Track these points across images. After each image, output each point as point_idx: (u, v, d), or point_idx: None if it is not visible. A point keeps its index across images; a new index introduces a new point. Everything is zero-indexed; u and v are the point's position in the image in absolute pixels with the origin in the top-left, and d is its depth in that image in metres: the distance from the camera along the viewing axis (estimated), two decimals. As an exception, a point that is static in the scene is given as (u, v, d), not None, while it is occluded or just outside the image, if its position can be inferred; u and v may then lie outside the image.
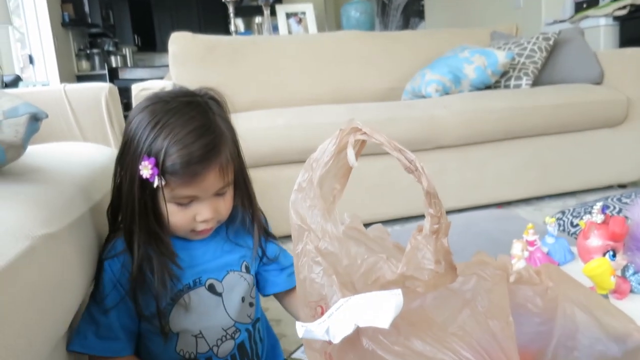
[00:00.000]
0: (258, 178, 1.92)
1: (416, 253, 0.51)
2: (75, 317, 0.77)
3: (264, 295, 0.90)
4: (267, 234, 0.87)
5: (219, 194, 0.76)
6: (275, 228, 2.11)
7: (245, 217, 0.84)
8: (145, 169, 0.70)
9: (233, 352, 0.82)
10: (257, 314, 0.87)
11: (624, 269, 0.69)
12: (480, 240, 1.20)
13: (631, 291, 0.69)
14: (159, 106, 0.73)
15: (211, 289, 0.80)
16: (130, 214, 0.74)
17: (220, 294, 0.80)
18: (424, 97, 2.24)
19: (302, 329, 0.47)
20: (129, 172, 0.73)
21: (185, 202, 0.74)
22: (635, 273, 0.69)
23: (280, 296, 0.90)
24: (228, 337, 0.81)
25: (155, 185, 0.70)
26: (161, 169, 0.70)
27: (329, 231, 0.53)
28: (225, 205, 0.78)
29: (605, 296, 0.66)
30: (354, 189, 0.55)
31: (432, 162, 2.01)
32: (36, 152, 0.85)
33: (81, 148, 1.03)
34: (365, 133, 0.53)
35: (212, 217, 0.75)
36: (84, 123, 1.55)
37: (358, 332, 0.44)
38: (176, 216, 0.75)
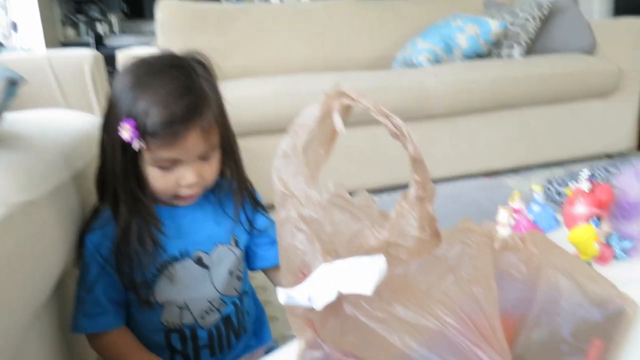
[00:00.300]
0: (247, 147, 1.90)
1: (400, 220, 0.50)
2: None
3: (252, 270, 0.89)
4: (256, 205, 0.86)
5: (203, 158, 0.74)
6: (265, 198, 2.11)
7: (234, 185, 0.83)
8: (125, 131, 0.68)
9: (218, 324, 0.82)
10: (245, 287, 0.87)
11: (608, 236, 0.70)
12: (468, 208, 1.21)
13: (614, 258, 0.70)
14: (142, 69, 0.71)
15: (199, 261, 0.79)
16: (113, 179, 0.73)
17: (207, 267, 0.80)
18: (415, 66, 2.21)
19: (284, 295, 0.47)
20: (111, 135, 0.72)
21: (167, 166, 0.72)
22: (618, 240, 0.70)
23: (268, 271, 0.89)
24: (214, 309, 0.81)
25: (135, 147, 0.68)
26: (142, 131, 0.68)
27: (312, 198, 0.53)
28: (210, 171, 0.76)
29: (589, 263, 0.67)
30: (339, 159, 0.54)
31: (422, 132, 2.00)
32: (16, 119, 0.83)
33: (64, 115, 1.01)
34: (351, 98, 0.52)
35: (196, 182, 0.74)
36: (67, 90, 1.52)
37: (340, 298, 0.44)
38: (159, 180, 0.73)
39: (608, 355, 0.48)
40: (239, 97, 1.80)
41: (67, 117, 1.02)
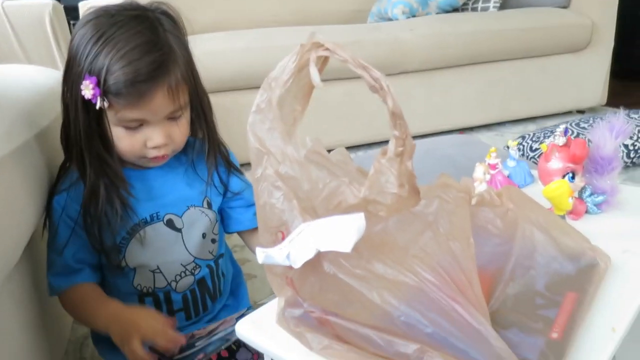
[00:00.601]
0: (218, 104, 1.85)
1: (379, 177, 0.49)
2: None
3: (228, 233, 0.87)
4: (229, 167, 0.83)
5: (171, 118, 0.71)
6: (240, 156, 2.10)
7: (205, 145, 0.80)
8: (87, 89, 0.64)
9: (192, 287, 0.80)
10: (221, 250, 0.85)
11: (582, 190, 0.70)
12: (443, 165, 1.21)
13: (587, 212, 0.71)
14: (103, 20, 0.67)
15: (170, 224, 0.77)
16: (77, 139, 0.70)
17: (179, 230, 0.78)
18: (390, 19, 2.17)
19: (262, 254, 0.46)
20: (73, 93, 0.68)
21: (133, 126, 0.69)
22: (591, 194, 0.71)
23: (244, 235, 0.87)
24: (187, 272, 0.79)
25: (97, 106, 0.65)
26: (104, 89, 0.64)
27: (289, 155, 0.51)
28: (179, 132, 0.73)
29: (563, 217, 0.68)
30: (315, 115, 0.52)
31: (397, 87, 1.95)
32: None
33: (24, 70, 0.96)
34: (327, 49, 0.50)
35: (164, 143, 0.71)
36: (27, 44, 1.44)
37: (319, 256, 0.44)
38: (124, 141, 0.70)
39: (581, 307, 0.50)
40: (210, 52, 1.74)
41: (27, 72, 0.96)
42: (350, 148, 1.98)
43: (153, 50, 0.66)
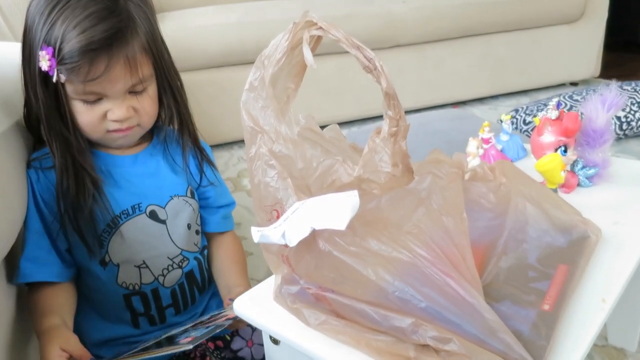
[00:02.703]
0: (209, 80, 1.85)
1: (373, 156, 0.50)
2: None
3: None
4: (205, 160, 0.80)
5: (132, 92, 0.68)
6: (228, 133, 2.06)
7: (181, 132, 0.77)
8: (44, 60, 0.62)
9: (181, 281, 0.77)
10: (204, 242, 0.83)
11: (574, 163, 0.71)
12: (436, 139, 1.21)
13: (578, 185, 0.72)
14: None
15: (153, 215, 0.74)
16: (38, 116, 0.67)
17: (164, 222, 0.75)
18: (382, -9, 2.13)
19: (257, 233, 0.47)
20: (31, 66, 0.65)
21: (91, 99, 0.66)
22: (583, 168, 0.71)
23: (209, 236, 0.84)
24: (175, 266, 0.76)
25: (54, 79, 0.62)
26: (59, 59, 0.61)
27: (282, 133, 0.51)
28: (144, 106, 0.70)
29: (555, 190, 0.69)
30: (307, 90, 0.52)
31: (390, 61, 1.96)
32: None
33: (8, 48, 0.94)
34: (321, 28, 0.49)
35: (125, 116, 0.68)
36: (13, 20, 1.41)
37: (314, 234, 0.44)
38: (84, 116, 0.67)
39: (572, 279, 0.51)
40: (200, 27, 1.71)
41: (13, 50, 0.95)
42: (342, 124, 1.97)
43: (109, 17, 0.63)
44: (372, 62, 0.47)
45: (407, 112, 2.07)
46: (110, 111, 0.67)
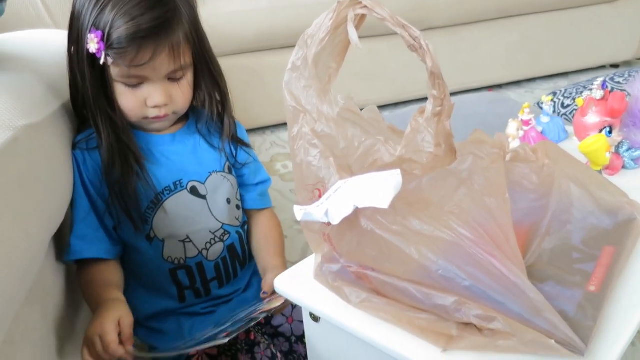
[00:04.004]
0: (241, 66, 1.85)
1: (416, 135, 0.49)
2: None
3: None
4: (238, 142, 0.83)
5: (171, 78, 0.71)
6: (261, 118, 2.07)
7: (216, 114, 0.79)
8: (92, 43, 0.65)
9: (224, 255, 0.80)
10: (245, 217, 0.85)
11: (619, 145, 0.69)
12: (471, 123, 1.19)
13: (624, 167, 0.70)
14: None
15: (193, 191, 0.77)
16: (87, 97, 0.70)
17: (204, 197, 0.77)
18: (415, -27, 2.10)
19: (300, 212, 0.47)
20: (79, 48, 0.68)
21: (134, 83, 0.69)
22: (629, 149, 0.69)
23: (247, 212, 0.86)
24: (217, 240, 0.79)
25: (101, 62, 0.65)
26: (107, 44, 0.64)
27: (325, 113, 0.51)
28: (181, 93, 0.73)
29: (599, 172, 0.67)
30: (340, 74, 0.52)
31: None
32: (5, 41, 0.80)
33: (52, 36, 0.97)
34: (365, 7, 0.49)
35: (164, 103, 0.71)
36: (53, 8, 1.44)
37: (356, 213, 0.44)
38: (125, 98, 0.70)
39: (619, 261, 0.50)
40: (232, 12, 1.72)
41: (55, 37, 0.97)
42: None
43: (157, 7, 0.66)
44: (418, 40, 0.46)
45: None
46: (149, 97, 0.70)
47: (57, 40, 0.92)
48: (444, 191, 0.49)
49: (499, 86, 2.15)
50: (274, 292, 0.69)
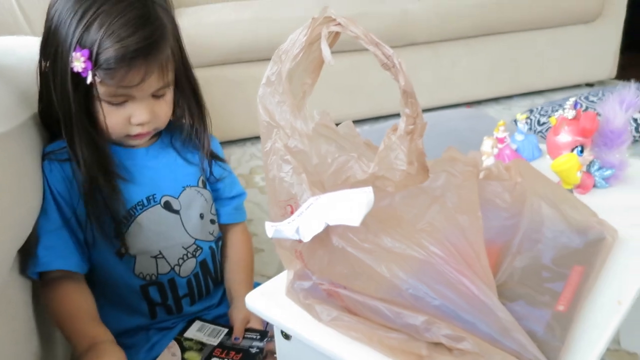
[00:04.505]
0: (222, 77, 1.85)
1: (389, 153, 0.49)
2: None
3: None
4: (213, 157, 0.82)
5: (156, 95, 0.70)
6: (241, 129, 2.07)
7: (193, 128, 0.79)
8: (78, 62, 0.63)
9: (196, 271, 0.79)
10: (220, 232, 0.85)
11: (590, 164, 0.70)
12: (449, 139, 1.21)
13: (595, 186, 0.71)
14: None
15: (167, 206, 0.76)
16: (65, 115, 0.67)
17: (177, 212, 0.76)
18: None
19: (271, 228, 0.47)
20: (59, 66, 0.66)
21: (118, 102, 0.68)
22: (599, 169, 0.70)
23: (222, 227, 0.86)
24: (189, 255, 0.78)
25: (88, 81, 0.63)
26: (96, 64, 0.63)
27: (298, 128, 0.51)
28: (164, 109, 0.72)
29: (571, 191, 0.68)
30: (319, 88, 0.52)
31: (404, 60, 1.95)
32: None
33: (27, 43, 0.95)
34: (339, 24, 0.49)
35: (148, 120, 0.70)
36: (32, 15, 1.42)
37: (328, 230, 0.44)
38: (109, 116, 0.69)
39: (588, 280, 0.50)
40: (214, 23, 1.72)
41: (31, 44, 0.96)
42: (355, 122, 1.96)
43: (146, 26, 0.65)
44: (391, 59, 0.46)
45: (421, 110, 2.05)
46: (134, 116, 0.69)
47: (32, 47, 0.90)
48: (416, 209, 0.49)
49: (478, 102, 2.18)
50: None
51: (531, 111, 1.72)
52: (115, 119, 0.69)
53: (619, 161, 0.71)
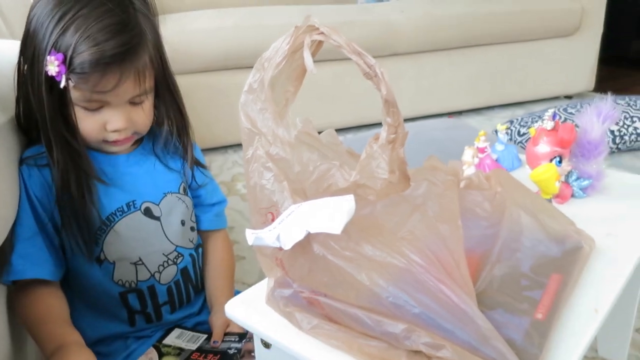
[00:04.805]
0: (206, 84, 1.85)
1: (370, 162, 0.50)
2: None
3: None
4: (195, 163, 0.81)
5: (134, 102, 0.69)
6: (224, 137, 2.06)
7: (174, 135, 0.78)
8: (52, 65, 0.62)
9: (177, 278, 0.78)
10: (200, 239, 0.84)
11: (568, 174, 0.71)
12: (430, 148, 1.22)
13: (572, 196, 0.72)
14: None
15: (147, 212, 0.75)
16: (42, 119, 0.66)
17: (158, 218, 0.75)
18: (381, 0, 2.15)
19: (252, 236, 0.46)
20: (36, 69, 0.65)
21: (93, 107, 0.67)
22: (577, 179, 0.71)
23: (202, 234, 0.85)
24: (170, 262, 0.77)
25: (61, 85, 0.62)
26: (69, 68, 0.62)
27: (280, 136, 0.51)
28: (142, 116, 0.71)
29: (549, 200, 0.69)
30: (303, 96, 0.52)
31: (387, 70, 1.97)
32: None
33: (5, 46, 0.94)
34: (322, 33, 0.49)
35: (124, 127, 0.69)
36: (10, 17, 1.40)
37: (309, 238, 0.44)
38: (84, 122, 0.67)
39: (565, 289, 0.51)
40: (199, 31, 1.72)
41: (10, 48, 0.94)
42: (337, 130, 1.97)
43: (124, 32, 0.64)
44: (373, 68, 0.47)
45: (403, 120, 2.07)
46: (109, 122, 0.68)
47: (9, 51, 0.89)
48: (397, 217, 0.49)
49: (459, 113, 2.21)
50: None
51: (511, 122, 1.75)
52: (91, 124, 0.68)
53: (596, 172, 0.72)
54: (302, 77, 0.55)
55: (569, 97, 2.42)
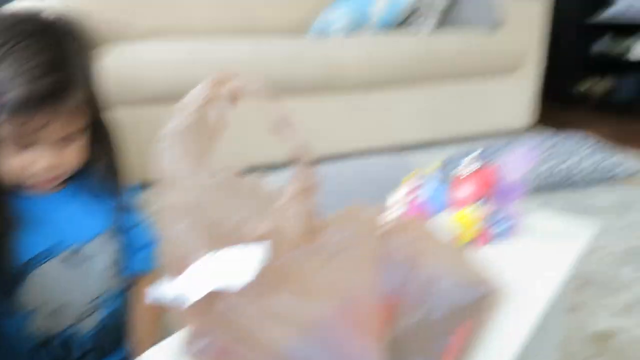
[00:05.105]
0: (149, 116, 1.81)
1: (282, 212, 0.50)
2: None
3: None
4: (127, 203, 0.80)
5: (65, 140, 0.67)
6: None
7: (106, 175, 0.76)
8: None
9: (104, 323, 0.75)
10: (128, 283, 0.81)
11: (488, 217, 0.73)
12: (369, 186, 1.23)
13: (492, 238, 0.74)
14: (3, 27, 0.62)
15: (70, 258, 0.72)
16: None
17: (83, 262, 0.73)
18: (328, 35, 2.20)
19: (152, 292, 0.45)
20: None
21: (22, 144, 0.65)
22: (497, 222, 0.74)
23: (132, 278, 0.82)
24: (94, 308, 0.74)
25: None
26: None
27: (195, 184, 0.51)
28: (72, 156, 0.69)
29: (468, 244, 0.71)
30: (243, 131, 0.52)
31: (332, 105, 2.00)
32: None
33: None
34: (237, 82, 0.50)
35: (50, 166, 0.67)
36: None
37: (213, 294, 0.43)
38: (10, 160, 0.65)
39: (474, 334, 0.52)
40: (147, 61, 1.71)
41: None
42: (277, 167, 1.97)
43: (57, 71, 0.63)
44: (286, 119, 0.48)
45: (345, 157, 2.09)
46: (34, 162, 0.66)
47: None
48: (312, 265, 0.50)
49: (403, 149, 2.25)
50: None
51: (445, 161, 1.78)
52: (16, 163, 0.66)
53: (516, 214, 0.74)
54: (222, 125, 0.55)
55: (510, 133, 2.52)
